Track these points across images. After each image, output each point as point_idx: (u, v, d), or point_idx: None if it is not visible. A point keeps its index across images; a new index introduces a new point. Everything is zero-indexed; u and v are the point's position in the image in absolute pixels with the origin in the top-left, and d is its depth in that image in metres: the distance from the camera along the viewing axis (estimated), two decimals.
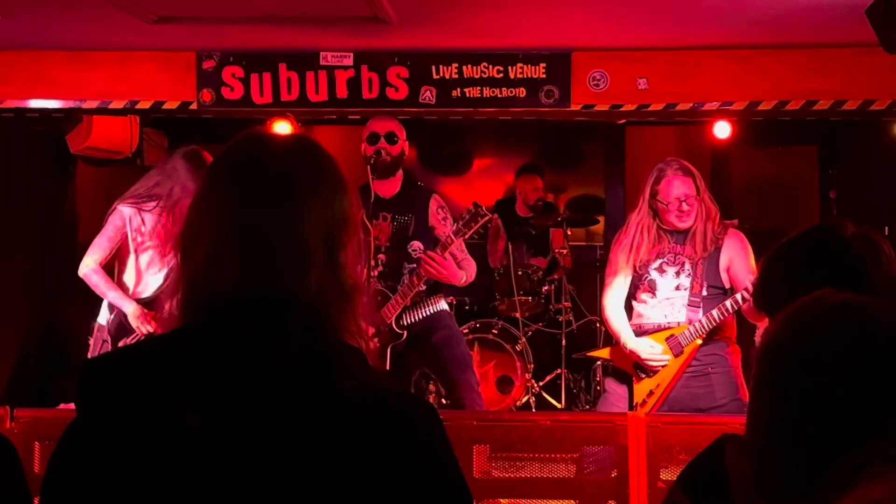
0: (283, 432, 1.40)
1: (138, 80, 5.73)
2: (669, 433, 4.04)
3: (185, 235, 1.57)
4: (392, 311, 5.17)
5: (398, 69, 5.68)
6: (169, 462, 1.41)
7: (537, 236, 8.13)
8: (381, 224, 5.25)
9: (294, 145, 1.62)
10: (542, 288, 7.61)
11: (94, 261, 5.23)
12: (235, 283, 1.50)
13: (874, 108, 5.51)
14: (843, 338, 1.18)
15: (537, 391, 7.32)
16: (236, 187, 1.55)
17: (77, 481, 1.45)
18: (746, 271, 4.64)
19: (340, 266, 1.55)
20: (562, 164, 9.43)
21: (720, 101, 5.60)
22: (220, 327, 1.49)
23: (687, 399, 4.68)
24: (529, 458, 4.47)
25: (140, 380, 1.45)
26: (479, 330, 7.22)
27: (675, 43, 5.48)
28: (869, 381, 1.14)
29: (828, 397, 1.15)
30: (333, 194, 1.59)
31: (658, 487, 3.99)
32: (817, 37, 5.30)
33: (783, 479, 1.17)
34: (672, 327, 4.72)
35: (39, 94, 5.77)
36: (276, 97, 5.70)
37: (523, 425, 4.25)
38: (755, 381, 1.28)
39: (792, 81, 5.52)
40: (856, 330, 1.20)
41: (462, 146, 9.39)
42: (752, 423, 1.25)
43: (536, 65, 5.64)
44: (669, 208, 4.68)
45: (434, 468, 1.46)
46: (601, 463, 4.30)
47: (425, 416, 1.50)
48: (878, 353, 1.16)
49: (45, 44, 5.60)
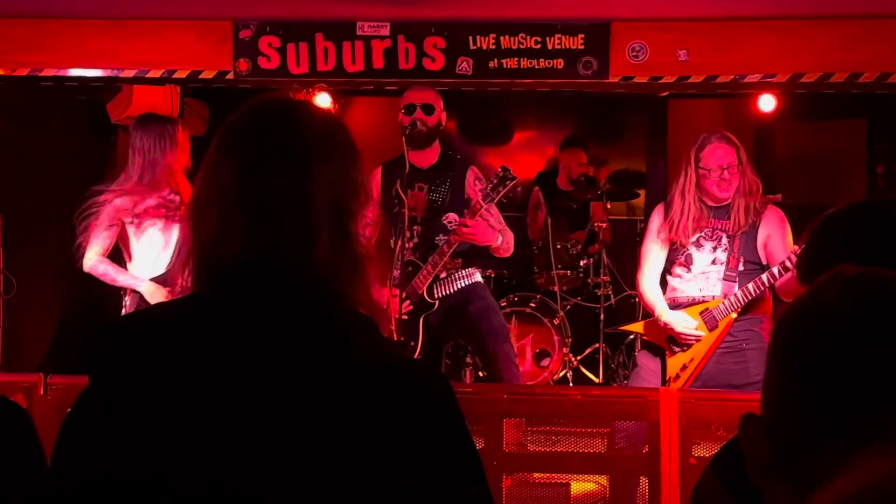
0: (292, 397, 1.39)
1: (175, 50, 5.74)
2: (702, 409, 4.01)
3: (194, 205, 1.56)
4: (423, 281, 5.14)
5: (435, 39, 5.64)
6: (181, 427, 1.40)
7: (577, 210, 8.07)
8: (417, 195, 5.22)
9: (303, 113, 1.60)
10: (580, 262, 7.56)
11: (96, 252, 5.20)
12: (243, 252, 1.49)
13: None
14: (854, 308, 1.15)
15: (575, 365, 7.29)
16: (243, 155, 1.54)
17: (88, 448, 1.45)
18: (784, 247, 4.58)
19: (350, 235, 1.54)
20: (603, 137, 9.34)
21: (762, 74, 5.51)
22: (229, 294, 1.48)
23: (720, 375, 4.63)
24: (561, 432, 4.45)
25: (151, 344, 1.45)
26: (517, 303, 7.19)
27: (716, 13, 5.40)
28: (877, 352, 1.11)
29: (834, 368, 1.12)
30: (343, 162, 1.56)
31: (690, 464, 3.96)
32: (862, 8, 5.19)
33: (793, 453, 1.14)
34: (707, 301, 4.67)
35: (78, 63, 5.80)
36: (312, 67, 5.69)
37: (554, 399, 4.24)
38: (770, 354, 1.24)
39: (836, 53, 5.42)
40: (869, 301, 1.16)
41: (502, 117, 9.33)
42: (765, 399, 1.22)
43: (575, 35, 5.58)
44: (711, 175, 4.61)
45: (443, 437, 1.44)
46: (632, 438, 4.27)
47: (435, 385, 1.48)
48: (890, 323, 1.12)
49: (83, 13, 5.63)
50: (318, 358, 1.42)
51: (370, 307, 1.54)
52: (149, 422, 1.41)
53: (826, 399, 1.11)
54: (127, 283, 5.28)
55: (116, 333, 1.51)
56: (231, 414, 1.40)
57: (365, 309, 1.52)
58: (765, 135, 8.59)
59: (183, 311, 1.50)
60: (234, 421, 1.40)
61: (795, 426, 1.14)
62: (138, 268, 5.37)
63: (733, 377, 4.62)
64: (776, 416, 1.17)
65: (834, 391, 1.11)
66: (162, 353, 1.44)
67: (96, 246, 5.20)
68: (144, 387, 1.43)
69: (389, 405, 1.41)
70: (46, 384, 4.22)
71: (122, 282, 5.29)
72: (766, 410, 1.19)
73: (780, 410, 1.17)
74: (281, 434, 1.39)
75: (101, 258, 5.21)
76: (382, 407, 1.40)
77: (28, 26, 5.70)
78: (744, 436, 1.19)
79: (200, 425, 1.40)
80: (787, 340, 1.18)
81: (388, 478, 1.38)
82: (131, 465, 1.41)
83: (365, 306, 1.53)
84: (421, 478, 1.40)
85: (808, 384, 1.14)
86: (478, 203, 4.94)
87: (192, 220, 1.55)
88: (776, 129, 8.60)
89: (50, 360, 6.41)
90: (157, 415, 1.41)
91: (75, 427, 1.48)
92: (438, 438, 1.43)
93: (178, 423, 1.41)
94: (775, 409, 1.18)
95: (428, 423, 1.43)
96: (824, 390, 1.12)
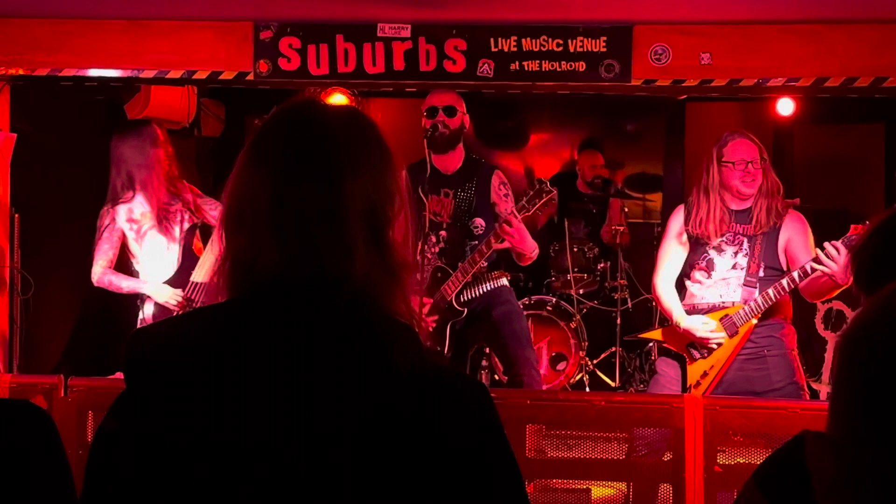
0: (334, 406, 1.38)
1: (195, 50, 5.73)
2: (727, 416, 3.98)
3: (227, 220, 1.53)
4: (453, 287, 5.13)
5: (456, 41, 5.61)
6: (217, 433, 1.39)
7: (596, 213, 8.05)
8: (444, 200, 5.21)
9: (334, 120, 1.56)
10: (597, 265, 7.54)
11: (102, 265, 5.39)
12: (280, 267, 1.46)
13: None
14: None
15: (591, 369, 7.27)
16: (276, 170, 1.50)
17: (124, 454, 1.43)
18: (806, 251, 4.55)
19: (388, 245, 1.51)
20: (620, 139, 9.31)
21: (785, 78, 5.47)
22: (267, 304, 1.46)
23: (742, 382, 4.59)
24: (584, 437, 4.43)
25: (189, 352, 1.44)
26: (534, 306, 7.17)
27: (739, 17, 5.36)
28: None
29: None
30: (378, 169, 1.53)
31: (715, 472, 3.93)
32: (887, 12, 5.15)
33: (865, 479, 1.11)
34: (727, 307, 4.63)
35: (98, 62, 5.78)
36: (332, 69, 5.66)
37: (577, 405, 4.21)
38: (837, 371, 1.21)
39: (861, 57, 5.38)
40: None
41: (519, 120, 9.31)
42: (833, 417, 1.18)
43: (597, 38, 5.54)
44: (735, 168, 4.58)
45: (484, 447, 1.43)
46: (653, 446, 4.24)
47: (477, 397, 1.47)
48: None
49: (104, 13, 5.61)
50: (360, 367, 1.40)
51: (409, 317, 1.52)
52: (188, 432, 1.40)
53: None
54: (131, 287, 5.37)
55: (153, 338, 1.50)
56: (272, 423, 1.39)
57: (404, 319, 1.50)
58: (783, 138, 8.56)
59: (219, 319, 1.48)
60: (276, 430, 1.38)
61: (865, 448, 1.11)
62: (147, 272, 5.42)
63: (755, 384, 4.59)
64: (845, 437, 1.14)
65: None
66: (200, 361, 1.43)
67: (101, 259, 5.37)
68: (183, 395, 1.41)
69: (431, 415, 1.40)
70: (67, 386, 4.21)
71: (126, 287, 5.38)
72: (834, 429, 1.16)
73: (849, 431, 1.14)
74: (324, 444, 1.37)
75: (105, 269, 5.35)
76: (425, 417, 1.39)
77: (48, 26, 5.69)
78: (810, 453, 1.16)
79: (241, 436, 1.39)
80: (859, 359, 1.15)
81: (428, 487, 1.38)
82: (169, 476, 1.40)
83: (404, 316, 1.50)
84: (461, 488, 1.39)
85: (881, 407, 1.11)
86: (513, 213, 4.91)
87: (225, 235, 1.53)
88: (794, 132, 8.58)
89: (66, 360, 6.40)
90: (196, 425, 1.40)
91: (111, 432, 1.47)
92: (479, 448, 1.42)
93: (218, 432, 1.39)
94: (844, 430, 1.15)
95: (469, 433, 1.42)
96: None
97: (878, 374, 1.11)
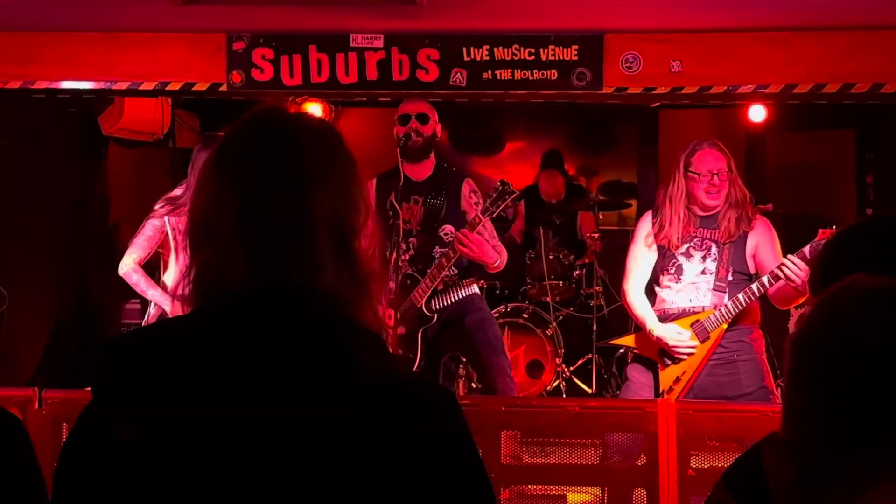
0: (300, 412, 1.38)
1: (168, 62, 5.73)
2: (700, 420, 4.00)
3: (192, 230, 1.53)
4: (422, 294, 5.14)
5: (429, 51, 5.64)
6: (185, 445, 1.39)
7: (562, 224, 8.09)
8: (413, 207, 5.22)
9: (299, 130, 1.56)
10: (573, 272, 7.56)
11: (133, 260, 5.21)
12: (246, 278, 1.47)
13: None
14: (876, 326, 1.13)
15: (568, 376, 7.29)
16: (241, 181, 1.50)
17: (91, 466, 1.43)
18: (773, 257, 4.58)
19: (354, 255, 1.52)
20: (594, 147, 9.36)
21: (755, 84, 5.52)
22: (234, 315, 1.46)
23: (713, 387, 4.62)
24: (558, 443, 4.44)
25: (155, 361, 1.44)
26: (510, 314, 7.18)
27: (709, 25, 5.41)
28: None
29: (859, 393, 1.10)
30: (343, 180, 1.54)
31: (688, 476, 3.94)
32: (855, 19, 5.21)
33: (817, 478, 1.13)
34: (697, 312, 4.66)
35: (70, 75, 5.78)
36: (305, 79, 5.68)
37: (551, 411, 4.21)
38: (788, 374, 1.23)
39: (829, 64, 5.44)
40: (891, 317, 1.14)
41: (493, 128, 9.35)
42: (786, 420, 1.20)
43: (568, 47, 5.58)
44: (700, 179, 4.60)
45: (451, 452, 1.43)
46: (627, 451, 4.26)
47: (444, 404, 1.47)
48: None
49: (76, 25, 5.60)
50: (327, 375, 1.41)
51: (377, 325, 1.52)
52: (154, 443, 1.40)
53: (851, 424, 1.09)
54: (155, 298, 5.28)
55: (121, 350, 1.49)
56: (239, 433, 1.39)
57: (372, 327, 1.51)
58: (755, 144, 8.62)
59: (188, 328, 1.48)
60: (242, 439, 1.39)
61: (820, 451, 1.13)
62: (170, 281, 5.36)
63: (726, 389, 4.61)
64: (799, 440, 1.16)
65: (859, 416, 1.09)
66: (166, 369, 1.43)
67: (134, 253, 5.20)
68: (149, 404, 1.41)
69: (398, 421, 1.40)
70: (41, 398, 4.18)
71: (150, 296, 5.29)
72: (789, 433, 1.18)
73: (803, 434, 1.15)
74: (290, 449, 1.38)
75: (136, 266, 5.19)
76: (391, 422, 1.39)
77: (20, 38, 5.68)
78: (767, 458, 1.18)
79: (208, 446, 1.39)
80: (808, 362, 1.17)
81: (395, 492, 1.38)
82: (135, 487, 1.40)
83: (372, 325, 1.51)
84: (428, 493, 1.40)
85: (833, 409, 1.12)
86: (477, 217, 4.94)
87: (191, 246, 1.53)
88: (767, 138, 8.63)
89: (41, 373, 6.37)
90: (163, 435, 1.40)
91: (78, 446, 1.47)
92: (446, 454, 1.42)
93: (185, 443, 1.39)
94: (798, 433, 1.16)
95: (436, 438, 1.42)
96: (849, 415, 1.10)
97: (821, 376, 1.13)
